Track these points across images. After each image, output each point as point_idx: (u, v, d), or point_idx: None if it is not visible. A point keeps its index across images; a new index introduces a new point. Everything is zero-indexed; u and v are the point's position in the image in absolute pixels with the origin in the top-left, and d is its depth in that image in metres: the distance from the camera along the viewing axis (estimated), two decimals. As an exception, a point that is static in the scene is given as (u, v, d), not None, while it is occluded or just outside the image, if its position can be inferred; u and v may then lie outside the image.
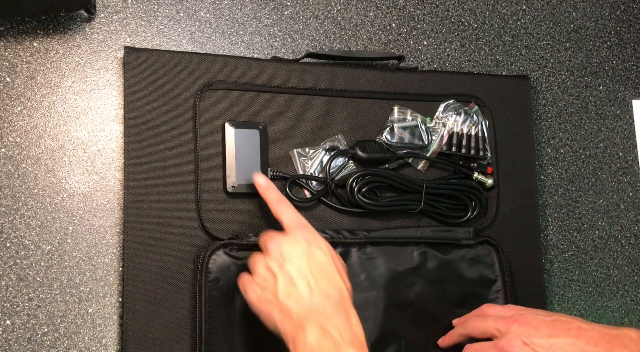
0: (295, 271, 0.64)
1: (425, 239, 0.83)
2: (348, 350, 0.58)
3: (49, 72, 0.78)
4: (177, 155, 0.77)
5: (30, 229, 0.75)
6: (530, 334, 0.68)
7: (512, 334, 0.69)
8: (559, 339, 0.67)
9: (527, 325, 0.69)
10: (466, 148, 0.88)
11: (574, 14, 1.03)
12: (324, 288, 0.63)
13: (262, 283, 0.66)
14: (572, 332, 0.67)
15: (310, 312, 0.61)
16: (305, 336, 0.59)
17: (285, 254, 0.65)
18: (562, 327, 0.68)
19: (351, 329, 0.61)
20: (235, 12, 0.87)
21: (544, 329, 0.68)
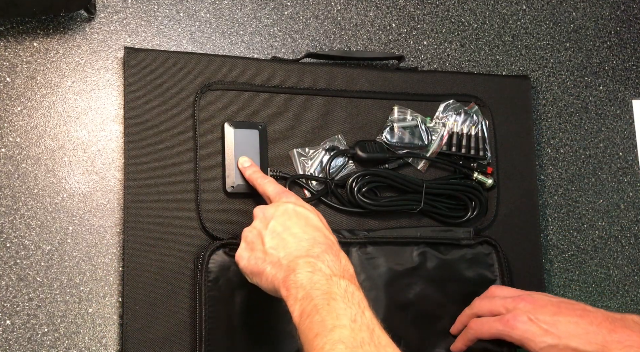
0: (280, 226, 0.65)
1: (425, 239, 0.83)
2: (339, 281, 0.59)
3: (49, 72, 0.78)
4: (177, 155, 0.77)
5: (30, 229, 0.75)
6: (536, 311, 0.71)
7: (519, 310, 0.72)
8: (563, 317, 0.69)
9: (534, 303, 0.72)
10: (466, 148, 0.88)
11: (574, 14, 1.03)
12: (311, 234, 0.64)
13: (251, 245, 0.66)
14: (576, 313, 0.70)
15: (299, 256, 0.62)
16: (296, 275, 0.60)
17: (269, 214, 0.66)
18: (568, 307, 0.71)
19: (340, 265, 0.61)
20: (235, 12, 0.87)
21: (549, 307, 0.71)
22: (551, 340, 0.69)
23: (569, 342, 0.68)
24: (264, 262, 0.64)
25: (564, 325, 0.69)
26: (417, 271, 0.82)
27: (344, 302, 0.57)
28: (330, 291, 0.58)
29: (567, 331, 0.69)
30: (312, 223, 0.66)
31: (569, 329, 0.69)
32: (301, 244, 0.63)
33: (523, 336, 0.71)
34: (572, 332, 0.69)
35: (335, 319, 0.55)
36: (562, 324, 0.69)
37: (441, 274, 0.83)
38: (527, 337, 0.70)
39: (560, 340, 0.69)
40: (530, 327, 0.70)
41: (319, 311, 0.56)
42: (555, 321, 0.70)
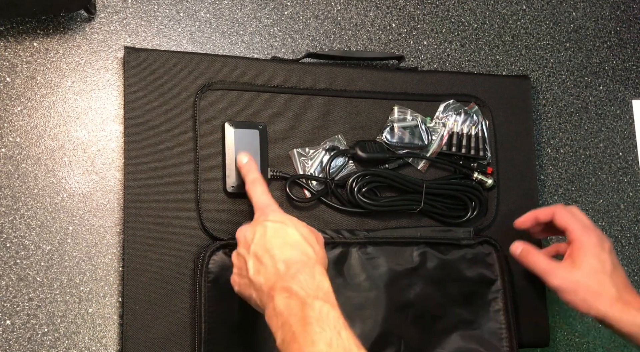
0: (259, 249, 0.65)
1: (425, 239, 0.83)
2: (313, 303, 0.59)
3: (49, 72, 0.78)
4: (177, 155, 0.77)
5: (30, 229, 0.75)
6: (605, 245, 0.78)
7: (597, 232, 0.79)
8: (616, 265, 0.77)
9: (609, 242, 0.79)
10: (466, 148, 0.88)
11: (574, 14, 1.03)
12: (288, 254, 0.64)
13: (238, 271, 0.68)
14: (621, 275, 0.78)
15: (276, 280, 0.63)
16: (274, 302, 0.61)
17: (249, 237, 0.67)
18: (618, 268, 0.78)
19: (314, 283, 0.62)
20: (235, 12, 0.87)
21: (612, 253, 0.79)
22: (597, 264, 0.76)
23: (610, 280, 0.75)
24: (250, 288, 0.66)
25: (620, 273, 0.77)
26: (417, 271, 0.82)
27: (319, 325, 0.58)
28: (305, 315, 0.59)
29: (617, 276, 0.76)
30: (290, 240, 0.66)
31: (620, 276, 0.76)
32: (278, 267, 0.64)
33: (588, 244, 0.77)
34: (619, 278, 0.76)
35: (311, 345, 0.57)
36: (620, 272, 0.77)
37: (441, 274, 0.83)
38: (589, 247, 0.77)
39: (597, 273, 0.75)
40: (595, 244, 0.77)
41: (296, 339, 0.58)
42: (610, 263, 0.76)
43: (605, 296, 0.75)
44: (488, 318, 0.83)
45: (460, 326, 0.82)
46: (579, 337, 0.96)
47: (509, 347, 0.83)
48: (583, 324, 0.96)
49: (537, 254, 0.79)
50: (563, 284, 0.76)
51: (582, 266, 0.76)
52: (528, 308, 0.88)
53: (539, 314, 0.89)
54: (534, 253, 0.80)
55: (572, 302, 0.76)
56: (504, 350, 0.82)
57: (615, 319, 0.74)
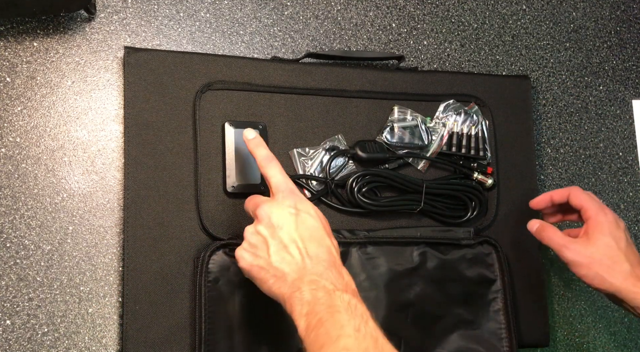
0: (287, 237, 0.65)
1: (425, 239, 0.83)
2: (342, 295, 0.60)
3: (49, 72, 0.78)
4: (177, 155, 0.77)
5: (30, 229, 0.75)
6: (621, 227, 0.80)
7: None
8: (630, 249, 0.78)
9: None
10: (466, 148, 0.88)
11: (574, 14, 1.03)
12: (315, 251, 0.64)
13: (254, 250, 0.66)
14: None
15: (304, 274, 0.62)
16: (302, 294, 0.61)
17: (275, 221, 0.66)
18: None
19: (343, 281, 0.63)
20: (235, 12, 0.87)
21: (629, 240, 0.79)
22: (611, 241, 0.77)
23: (623, 255, 0.76)
24: (268, 273, 0.64)
25: (634, 250, 0.78)
26: (417, 271, 0.82)
27: (348, 313, 0.58)
28: (333, 304, 0.59)
29: (631, 252, 0.77)
30: (316, 234, 0.66)
31: (633, 253, 0.78)
32: (305, 262, 0.63)
33: (604, 222, 0.78)
34: (633, 255, 0.77)
35: (340, 329, 0.57)
36: (633, 248, 0.78)
37: (441, 274, 0.83)
38: (605, 225, 0.78)
39: (611, 249, 0.76)
40: (610, 221, 0.78)
41: (323, 324, 0.58)
42: (625, 240, 0.78)
43: (619, 270, 0.75)
44: (488, 318, 0.83)
45: (460, 326, 0.82)
46: (579, 337, 0.96)
47: (508, 347, 0.83)
48: (583, 324, 0.96)
49: (553, 230, 0.80)
50: (577, 258, 0.77)
51: (597, 241, 0.77)
52: (528, 308, 0.88)
53: (539, 314, 0.89)
54: (549, 229, 0.80)
55: (585, 277, 0.77)
56: (504, 350, 0.82)
57: (628, 293, 0.75)
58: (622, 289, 0.75)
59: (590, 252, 0.77)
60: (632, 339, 0.98)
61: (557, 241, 0.79)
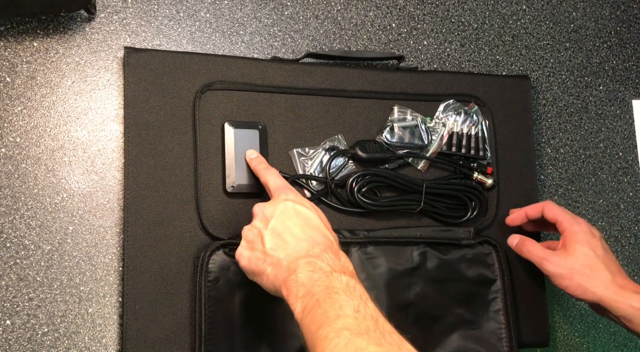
0: (280, 226, 0.65)
1: (425, 238, 0.83)
2: (340, 276, 0.59)
3: (49, 72, 0.78)
4: (177, 155, 0.77)
5: (30, 229, 0.75)
6: (596, 238, 0.80)
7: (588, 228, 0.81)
8: (606, 260, 0.79)
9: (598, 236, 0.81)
10: (466, 148, 0.88)
11: (574, 14, 1.03)
12: (310, 234, 0.64)
13: (251, 245, 0.66)
14: (614, 267, 0.79)
15: (299, 256, 0.62)
16: (297, 275, 0.60)
17: (268, 212, 0.66)
18: (612, 261, 0.80)
19: (340, 262, 0.62)
20: (235, 12, 0.87)
21: (605, 252, 0.80)
22: (588, 250, 0.78)
23: (601, 264, 0.77)
24: (264, 263, 0.64)
25: (611, 258, 0.79)
26: (417, 270, 0.82)
27: (346, 294, 0.57)
28: (331, 285, 0.58)
29: (609, 261, 0.78)
30: (311, 223, 0.66)
31: (611, 261, 0.78)
32: (301, 245, 0.63)
33: (579, 232, 0.79)
34: (611, 264, 0.78)
35: (339, 309, 0.55)
36: (611, 257, 0.79)
37: (441, 274, 0.83)
38: (581, 236, 0.79)
39: (590, 258, 0.78)
40: (585, 231, 0.79)
41: (321, 305, 0.56)
42: (602, 249, 0.79)
43: (600, 279, 0.76)
44: (488, 318, 0.83)
45: (460, 326, 0.82)
46: (579, 337, 0.96)
47: (508, 347, 0.83)
48: (583, 324, 0.96)
49: (533, 244, 0.82)
50: (557, 270, 0.78)
51: (574, 251, 0.78)
52: (528, 308, 0.88)
53: (539, 314, 0.89)
54: (529, 243, 0.82)
55: (568, 288, 0.78)
56: (504, 350, 0.82)
57: (611, 301, 0.75)
58: (604, 298, 0.76)
59: (570, 263, 0.78)
60: (632, 339, 0.98)
61: (537, 254, 0.80)
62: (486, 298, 0.84)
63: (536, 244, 0.82)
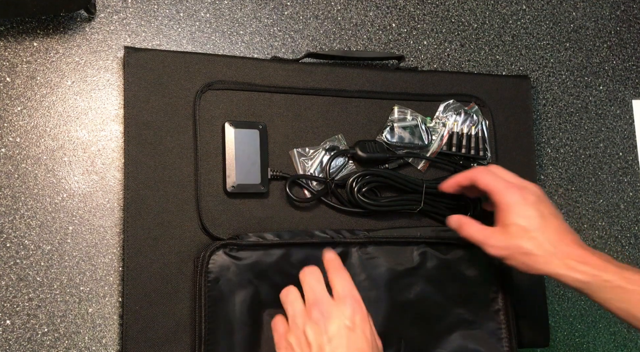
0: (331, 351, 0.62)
1: (425, 238, 0.83)
2: None
3: (49, 72, 0.78)
4: (177, 155, 0.77)
5: (30, 229, 0.75)
6: (530, 202, 0.72)
7: (523, 190, 0.73)
8: (545, 222, 0.71)
9: (534, 197, 0.73)
10: (466, 148, 0.88)
11: (574, 14, 1.03)
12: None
13: (296, 344, 0.64)
14: (558, 227, 0.72)
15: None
16: None
17: (329, 330, 0.63)
18: (555, 220, 0.72)
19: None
20: (235, 12, 0.87)
21: (543, 208, 0.73)
22: (523, 222, 0.71)
23: (540, 237, 0.70)
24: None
25: (549, 225, 0.71)
26: (418, 270, 0.82)
27: None
28: None
29: (547, 230, 0.71)
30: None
31: (549, 229, 0.71)
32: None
33: (511, 203, 0.72)
34: (550, 234, 0.71)
35: None
36: (548, 223, 0.71)
37: (441, 274, 0.83)
38: (513, 206, 0.72)
39: (526, 232, 0.70)
40: (518, 201, 0.72)
41: None
42: (538, 216, 0.71)
43: (540, 255, 0.70)
44: (488, 318, 0.83)
45: (460, 326, 0.82)
46: (579, 337, 0.96)
47: (508, 347, 0.83)
48: (583, 324, 0.96)
49: (471, 225, 0.75)
50: (499, 252, 0.72)
51: (509, 228, 0.71)
52: (528, 308, 0.88)
53: (539, 314, 0.89)
54: (468, 224, 0.76)
55: (515, 267, 0.72)
56: (504, 350, 0.82)
57: (557, 276, 0.70)
58: (550, 273, 0.70)
59: (508, 242, 0.71)
60: (632, 339, 0.98)
61: (477, 237, 0.74)
62: (486, 298, 0.84)
63: (474, 224, 0.75)
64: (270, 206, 0.79)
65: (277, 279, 0.76)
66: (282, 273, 0.76)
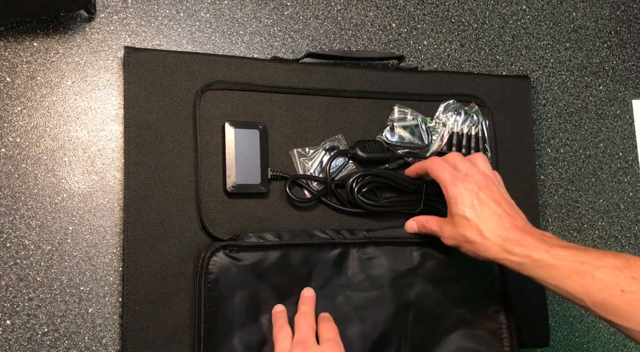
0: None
1: (425, 239, 0.83)
2: None
3: (49, 72, 0.78)
4: (177, 155, 0.77)
5: (30, 229, 0.75)
6: (480, 188, 0.74)
7: (470, 178, 0.75)
8: (494, 206, 0.73)
9: (484, 183, 0.75)
10: (466, 148, 0.88)
11: (574, 14, 1.03)
12: None
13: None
14: (506, 211, 0.73)
15: None
16: None
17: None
18: (504, 203, 0.74)
19: None
20: (235, 12, 0.87)
21: (492, 193, 0.74)
22: (464, 212, 0.73)
23: (479, 224, 0.71)
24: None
25: (488, 211, 0.72)
26: (417, 271, 0.82)
27: None
28: None
29: (485, 217, 0.72)
30: None
31: (487, 216, 0.72)
32: None
33: (454, 195, 0.74)
34: (488, 221, 0.72)
35: None
36: (487, 210, 0.72)
37: (441, 274, 0.83)
38: (456, 198, 0.73)
39: (468, 221, 0.72)
40: (462, 193, 0.73)
41: None
42: (477, 205, 0.73)
43: (480, 242, 0.71)
44: (488, 318, 0.83)
45: (460, 326, 0.82)
46: (579, 337, 0.96)
47: (509, 347, 0.83)
48: (583, 324, 0.96)
49: (428, 220, 0.79)
50: (450, 242, 0.75)
51: (455, 218, 0.73)
52: (528, 308, 0.88)
53: (539, 314, 0.89)
54: (424, 221, 0.79)
55: (467, 254, 0.74)
56: (504, 350, 0.82)
57: (498, 261, 0.71)
58: (492, 259, 0.71)
59: (455, 232, 0.73)
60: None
61: (434, 230, 0.77)
62: (486, 298, 0.84)
63: (431, 219, 0.78)
64: (270, 206, 0.79)
65: (277, 280, 0.76)
66: (282, 274, 0.76)
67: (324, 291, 0.78)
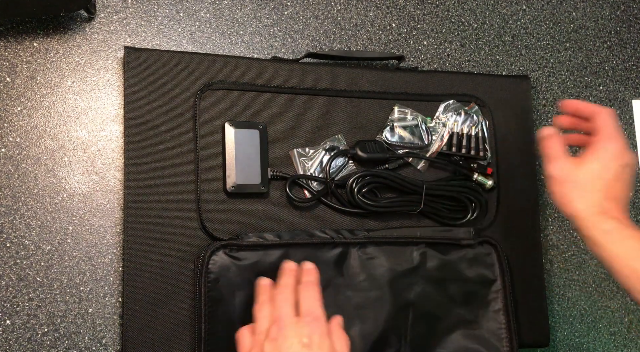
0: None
1: (425, 239, 0.83)
2: None
3: (49, 72, 0.78)
4: (177, 155, 0.77)
5: (30, 229, 0.75)
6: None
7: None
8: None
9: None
10: (466, 148, 0.88)
11: (574, 14, 1.03)
12: None
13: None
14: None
15: None
16: None
17: (283, 348, 0.63)
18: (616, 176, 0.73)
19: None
20: (235, 12, 0.87)
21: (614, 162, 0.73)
22: (598, 169, 0.72)
23: (610, 186, 0.71)
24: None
25: (609, 180, 0.72)
26: (418, 271, 0.82)
27: None
28: None
29: (600, 184, 0.71)
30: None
31: (618, 186, 0.72)
32: None
33: (616, 150, 0.73)
34: (616, 189, 0.72)
35: None
36: (603, 181, 0.72)
37: (441, 274, 0.83)
38: (600, 153, 0.72)
39: (610, 180, 0.71)
40: (610, 155, 0.72)
41: None
42: (616, 173, 0.72)
43: (587, 198, 0.71)
44: (488, 318, 0.83)
45: (460, 326, 0.83)
46: (579, 337, 0.96)
47: (509, 347, 0.83)
48: (583, 324, 0.96)
49: (556, 141, 0.75)
50: (555, 172, 0.73)
51: (585, 165, 0.72)
52: (528, 308, 0.88)
53: (539, 314, 0.89)
54: (554, 139, 0.76)
55: (554, 194, 0.73)
56: (504, 350, 0.83)
57: (583, 220, 0.70)
58: (580, 215, 0.71)
59: (571, 172, 0.72)
60: (632, 339, 0.98)
61: (551, 152, 0.74)
62: (486, 298, 0.84)
63: (559, 143, 0.75)
64: (270, 206, 0.79)
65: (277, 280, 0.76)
66: (282, 273, 0.76)
67: (324, 290, 0.78)
